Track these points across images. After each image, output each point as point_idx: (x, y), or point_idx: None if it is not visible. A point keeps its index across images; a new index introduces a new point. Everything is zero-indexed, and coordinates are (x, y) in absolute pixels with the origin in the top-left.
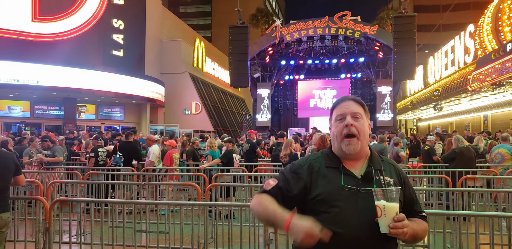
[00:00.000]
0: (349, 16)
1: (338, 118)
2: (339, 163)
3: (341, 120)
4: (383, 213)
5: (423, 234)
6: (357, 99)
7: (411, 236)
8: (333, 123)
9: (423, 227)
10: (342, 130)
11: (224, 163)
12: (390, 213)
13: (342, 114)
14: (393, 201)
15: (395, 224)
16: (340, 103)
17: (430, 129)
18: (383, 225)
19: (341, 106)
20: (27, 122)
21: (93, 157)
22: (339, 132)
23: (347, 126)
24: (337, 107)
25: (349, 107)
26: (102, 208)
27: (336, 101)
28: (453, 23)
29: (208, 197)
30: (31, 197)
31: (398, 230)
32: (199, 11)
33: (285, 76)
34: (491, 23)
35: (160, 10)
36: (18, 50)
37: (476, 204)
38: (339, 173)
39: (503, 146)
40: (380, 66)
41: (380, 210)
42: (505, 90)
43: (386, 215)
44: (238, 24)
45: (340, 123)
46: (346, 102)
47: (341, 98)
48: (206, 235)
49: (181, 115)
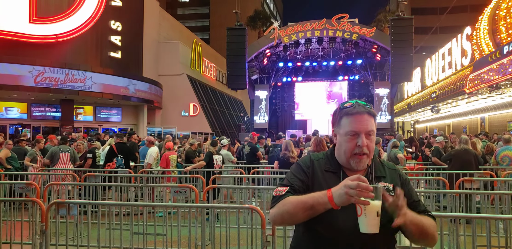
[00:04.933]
0: (346, 19)
1: (350, 133)
2: (339, 168)
3: (353, 136)
4: (363, 212)
5: (433, 230)
6: (372, 112)
7: (417, 228)
8: (343, 134)
9: (430, 222)
10: (354, 147)
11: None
12: (371, 212)
13: (356, 131)
14: (375, 199)
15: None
16: (355, 115)
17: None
18: (362, 224)
19: (355, 120)
20: (24, 124)
21: (90, 157)
22: (350, 148)
23: (360, 146)
24: (350, 119)
25: (364, 124)
26: (99, 210)
27: (350, 110)
28: (450, 25)
29: (206, 199)
30: (27, 199)
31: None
32: (197, 13)
33: (282, 78)
34: (488, 26)
35: (158, 12)
36: (16, 51)
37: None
38: (337, 178)
39: (508, 148)
40: (377, 68)
41: (360, 208)
42: (502, 92)
43: (367, 214)
44: (236, 26)
45: (353, 139)
46: (361, 117)
47: (356, 108)
48: (203, 237)
49: (179, 117)
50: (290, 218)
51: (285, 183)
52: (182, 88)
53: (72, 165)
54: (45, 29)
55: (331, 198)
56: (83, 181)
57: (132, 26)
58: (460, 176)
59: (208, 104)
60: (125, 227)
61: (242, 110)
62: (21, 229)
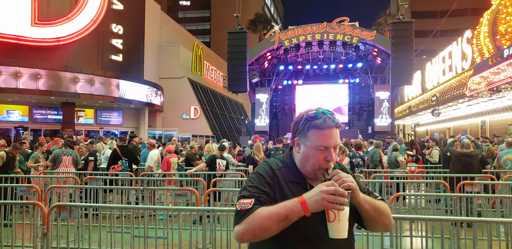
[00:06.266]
0: (347, 22)
1: (320, 148)
2: (302, 178)
3: (322, 151)
4: (337, 217)
5: (387, 209)
6: (339, 125)
7: (370, 205)
8: (311, 147)
9: (383, 203)
10: (322, 162)
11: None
12: (344, 217)
13: (326, 146)
14: (346, 205)
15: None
16: (325, 130)
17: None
18: (334, 230)
19: (325, 135)
20: (25, 127)
21: (92, 160)
22: (317, 162)
23: (328, 161)
24: (320, 133)
25: (333, 139)
26: (100, 213)
27: (320, 124)
28: (451, 29)
29: (207, 202)
30: (29, 202)
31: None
32: (198, 17)
33: (283, 82)
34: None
35: (159, 16)
36: (17, 54)
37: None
38: (302, 188)
39: (511, 152)
40: (378, 71)
41: (334, 214)
42: (502, 96)
43: (340, 219)
44: (237, 29)
45: (321, 153)
46: (331, 131)
47: (325, 123)
48: (204, 240)
49: (180, 120)
50: (263, 233)
51: (248, 195)
52: (183, 91)
53: (74, 168)
54: (46, 32)
55: (305, 205)
56: (84, 184)
57: (133, 29)
58: (461, 179)
59: (209, 107)
60: (126, 230)
61: (243, 113)
62: (22, 232)
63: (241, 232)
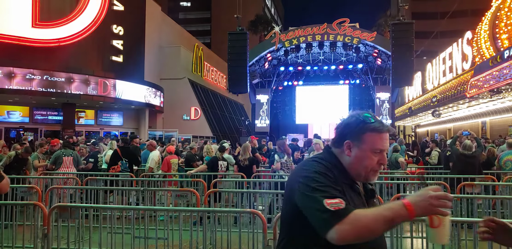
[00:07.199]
0: (347, 23)
1: (376, 151)
2: (353, 181)
3: (378, 154)
4: (442, 223)
5: None
6: (391, 129)
7: None
8: (366, 150)
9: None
10: (375, 165)
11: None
12: (447, 223)
13: (382, 150)
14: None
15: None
16: (383, 133)
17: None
18: (437, 235)
19: (382, 138)
20: (26, 128)
21: (91, 162)
22: (371, 165)
23: (381, 164)
24: (378, 136)
25: (387, 143)
26: (100, 213)
27: (379, 128)
28: (451, 30)
29: (207, 203)
30: (29, 203)
31: None
32: (198, 18)
33: (283, 82)
34: (489, 30)
35: (160, 16)
36: (18, 55)
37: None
38: (354, 191)
39: (511, 153)
40: (378, 72)
41: (438, 219)
42: (503, 97)
43: (445, 224)
44: (237, 30)
45: (375, 157)
46: (386, 135)
47: (383, 127)
48: (204, 241)
49: (180, 121)
50: (369, 234)
51: (330, 195)
52: (183, 92)
53: (75, 168)
54: (47, 33)
55: (412, 209)
56: (85, 184)
57: (134, 30)
58: (462, 180)
59: (209, 108)
60: (126, 231)
61: (243, 114)
62: (23, 232)
63: (346, 233)
